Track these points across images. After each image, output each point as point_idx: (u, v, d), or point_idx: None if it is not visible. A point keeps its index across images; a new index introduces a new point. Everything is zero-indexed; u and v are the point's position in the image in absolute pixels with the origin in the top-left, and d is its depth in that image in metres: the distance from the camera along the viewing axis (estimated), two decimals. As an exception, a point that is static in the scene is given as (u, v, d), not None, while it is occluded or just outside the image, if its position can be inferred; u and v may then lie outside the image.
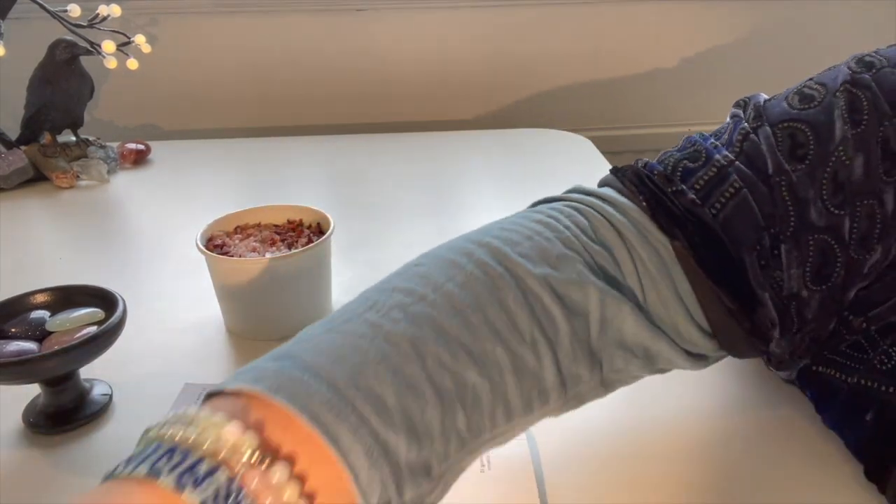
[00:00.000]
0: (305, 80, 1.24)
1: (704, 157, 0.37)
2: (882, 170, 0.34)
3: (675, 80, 1.29)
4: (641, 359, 0.35)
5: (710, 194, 0.36)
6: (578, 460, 0.43)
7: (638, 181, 0.37)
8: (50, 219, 0.84)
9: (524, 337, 0.31)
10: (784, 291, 0.35)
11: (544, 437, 0.44)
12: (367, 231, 0.77)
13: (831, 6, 1.26)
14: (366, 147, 1.09)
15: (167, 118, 1.26)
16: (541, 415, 0.33)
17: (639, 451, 0.43)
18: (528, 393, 0.32)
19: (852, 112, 0.35)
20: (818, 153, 0.35)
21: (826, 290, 0.35)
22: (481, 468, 0.41)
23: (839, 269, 0.35)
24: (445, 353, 0.29)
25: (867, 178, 0.34)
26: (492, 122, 1.29)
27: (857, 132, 0.35)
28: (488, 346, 0.30)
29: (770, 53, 1.28)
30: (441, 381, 0.29)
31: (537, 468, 0.42)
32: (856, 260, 0.35)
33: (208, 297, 0.61)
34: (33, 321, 0.47)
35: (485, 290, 0.32)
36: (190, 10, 1.18)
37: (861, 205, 0.34)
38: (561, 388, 0.33)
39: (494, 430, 0.31)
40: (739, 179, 0.35)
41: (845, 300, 0.36)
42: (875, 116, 0.35)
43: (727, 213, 0.35)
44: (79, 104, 0.97)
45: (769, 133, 0.36)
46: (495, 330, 0.31)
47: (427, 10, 1.21)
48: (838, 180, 0.34)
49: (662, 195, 0.36)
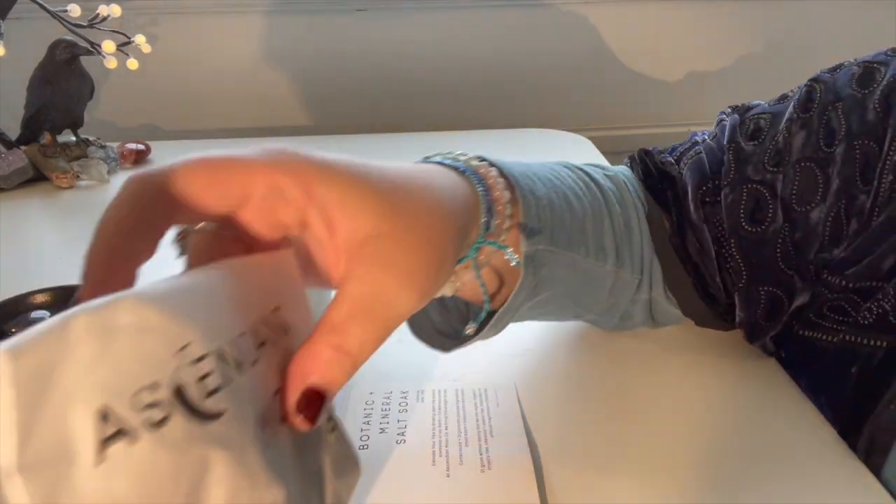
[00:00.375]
0: (305, 80, 1.24)
1: (689, 139, 0.51)
2: (823, 143, 0.43)
3: (675, 80, 1.29)
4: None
5: (680, 159, 0.49)
6: (578, 460, 0.43)
7: (638, 159, 0.51)
8: (50, 219, 0.84)
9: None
10: (724, 229, 0.45)
11: (544, 437, 0.44)
12: (367, 231, 0.77)
13: (831, 6, 1.26)
14: (366, 147, 1.09)
15: (167, 118, 1.26)
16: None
17: (639, 451, 0.43)
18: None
19: (807, 101, 0.45)
20: (770, 133, 0.45)
21: (761, 232, 0.44)
22: (481, 468, 0.41)
23: (771, 215, 0.44)
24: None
25: (805, 148, 0.43)
26: (492, 122, 1.29)
27: (805, 116, 0.44)
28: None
29: (770, 53, 1.28)
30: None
31: (537, 468, 0.42)
32: (799, 212, 0.43)
33: (208, 297, 0.61)
34: (33, 321, 0.47)
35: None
36: (190, 10, 1.18)
37: (799, 167, 0.43)
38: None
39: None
40: (703, 149, 0.48)
41: (807, 255, 0.43)
42: (822, 104, 0.44)
43: (687, 167, 0.48)
44: (79, 104, 0.97)
45: (737, 120, 0.48)
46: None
47: (427, 10, 1.21)
48: (779, 148, 0.44)
49: (651, 164, 0.50)
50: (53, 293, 0.49)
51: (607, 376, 0.50)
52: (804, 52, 1.27)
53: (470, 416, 0.46)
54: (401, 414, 0.46)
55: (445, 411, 0.46)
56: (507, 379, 0.50)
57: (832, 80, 0.44)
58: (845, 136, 0.42)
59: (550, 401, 0.48)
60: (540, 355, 0.53)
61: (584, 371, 0.51)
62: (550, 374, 0.51)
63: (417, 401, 0.48)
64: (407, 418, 0.46)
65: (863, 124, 0.41)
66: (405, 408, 0.47)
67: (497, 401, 0.47)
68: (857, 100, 0.42)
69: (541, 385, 0.49)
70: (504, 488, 0.40)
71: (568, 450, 0.43)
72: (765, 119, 0.46)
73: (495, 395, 0.48)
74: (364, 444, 0.43)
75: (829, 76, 0.45)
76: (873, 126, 0.41)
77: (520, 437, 0.44)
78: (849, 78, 0.44)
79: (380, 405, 0.47)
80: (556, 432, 0.45)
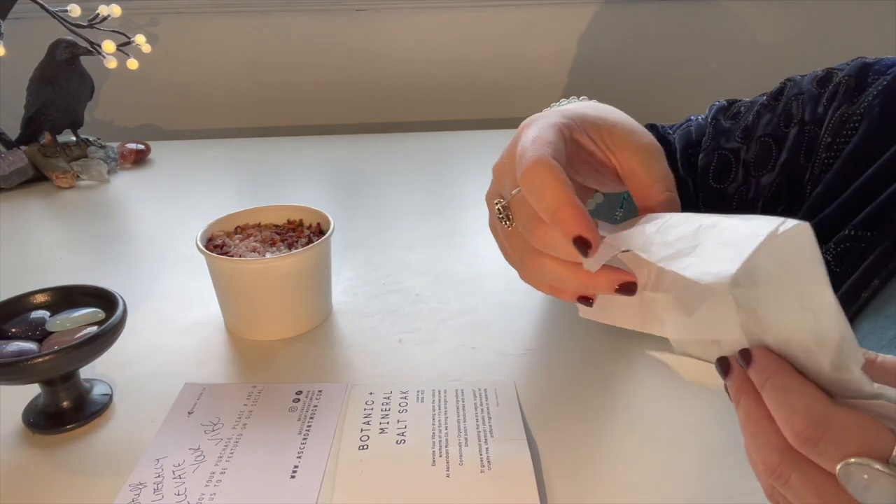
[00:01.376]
0: (305, 80, 1.24)
1: (686, 120, 0.62)
2: (782, 124, 0.52)
3: (676, 80, 1.29)
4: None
5: (675, 131, 0.61)
6: (578, 460, 0.43)
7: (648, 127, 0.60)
8: (50, 219, 0.84)
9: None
10: (698, 183, 0.56)
11: (544, 437, 0.44)
12: (367, 231, 0.77)
13: (831, 6, 1.26)
14: (366, 147, 1.09)
15: (167, 118, 1.26)
16: None
17: (639, 451, 0.43)
18: None
19: (777, 93, 0.54)
20: (744, 115, 0.56)
21: (723, 189, 0.55)
22: (481, 468, 0.41)
23: (733, 177, 0.54)
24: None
25: (767, 126, 0.53)
26: (492, 122, 1.29)
27: (774, 104, 0.54)
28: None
29: (769, 53, 1.28)
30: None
31: (537, 468, 0.42)
32: (755, 177, 0.53)
33: (208, 297, 0.61)
34: (33, 321, 0.47)
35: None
36: (190, 10, 1.18)
37: (760, 141, 0.53)
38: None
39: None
40: (692, 124, 0.60)
41: (754, 211, 0.48)
42: (788, 96, 0.53)
43: (677, 134, 0.60)
44: (79, 104, 0.97)
45: (724, 104, 0.59)
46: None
47: (427, 10, 1.21)
48: (748, 126, 0.55)
49: (655, 132, 0.60)
50: (53, 293, 0.49)
51: (607, 376, 0.50)
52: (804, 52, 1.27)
53: (470, 416, 0.46)
54: (401, 414, 0.46)
55: (445, 411, 0.46)
56: (507, 379, 0.50)
57: (800, 80, 0.53)
58: (799, 122, 0.51)
59: (550, 401, 0.48)
60: (540, 355, 0.53)
61: (584, 371, 0.51)
62: (550, 374, 0.51)
63: (417, 401, 0.48)
64: (407, 418, 0.46)
65: (814, 115, 0.50)
66: (405, 408, 0.47)
67: (497, 401, 0.47)
68: (814, 95, 0.51)
69: (541, 385, 0.49)
70: (504, 488, 0.40)
71: (568, 450, 0.43)
72: (745, 106, 0.57)
73: (495, 395, 0.48)
74: (364, 444, 0.43)
75: (799, 77, 0.54)
76: (821, 117, 0.50)
77: (520, 437, 0.44)
78: (812, 78, 0.52)
79: (380, 405, 0.47)
80: (556, 432, 0.45)
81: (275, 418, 0.46)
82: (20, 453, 0.45)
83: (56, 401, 0.47)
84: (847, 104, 0.48)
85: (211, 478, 0.41)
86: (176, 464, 0.42)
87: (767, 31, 1.27)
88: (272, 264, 0.53)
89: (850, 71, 0.50)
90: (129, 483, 0.41)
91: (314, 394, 0.49)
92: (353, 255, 0.71)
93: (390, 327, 0.58)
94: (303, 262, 0.55)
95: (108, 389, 0.50)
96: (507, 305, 0.60)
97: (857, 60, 0.50)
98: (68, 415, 0.47)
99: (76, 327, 0.46)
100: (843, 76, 0.50)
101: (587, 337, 0.55)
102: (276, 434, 0.45)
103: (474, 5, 1.21)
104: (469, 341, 0.55)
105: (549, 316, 0.59)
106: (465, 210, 0.83)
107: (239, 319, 0.57)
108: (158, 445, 0.44)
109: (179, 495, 0.40)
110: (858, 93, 0.48)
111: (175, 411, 0.47)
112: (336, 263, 0.68)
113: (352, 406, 0.47)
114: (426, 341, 0.56)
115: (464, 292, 0.63)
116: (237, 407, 0.48)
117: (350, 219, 0.80)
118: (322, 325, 0.58)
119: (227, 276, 0.55)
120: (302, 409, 0.47)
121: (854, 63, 0.50)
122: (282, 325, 0.56)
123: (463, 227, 0.78)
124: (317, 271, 0.57)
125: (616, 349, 0.53)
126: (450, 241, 0.74)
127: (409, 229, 0.77)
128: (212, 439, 0.45)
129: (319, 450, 0.44)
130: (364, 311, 0.60)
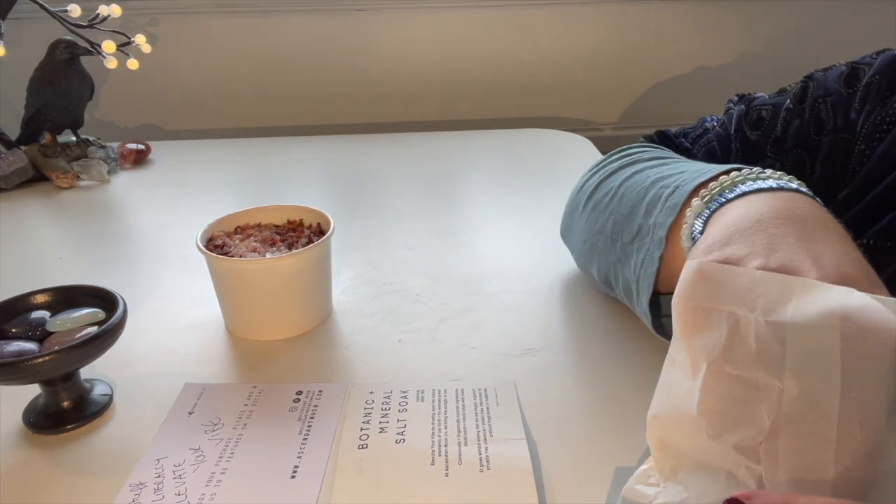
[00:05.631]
0: (305, 80, 1.25)
1: (701, 124, 0.61)
2: (813, 132, 0.50)
3: (675, 80, 1.29)
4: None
5: (695, 143, 0.60)
6: (578, 460, 0.43)
7: (658, 137, 0.62)
8: (50, 219, 0.84)
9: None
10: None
11: (544, 437, 0.44)
12: (367, 231, 0.77)
13: (831, 6, 1.26)
14: (366, 147, 1.09)
15: (167, 118, 1.26)
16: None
17: (639, 452, 0.43)
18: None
19: (802, 95, 0.52)
20: (770, 124, 0.54)
21: None
22: (480, 468, 0.41)
23: None
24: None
25: (798, 134, 0.51)
26: (492, 122, 1.29)
27: (800, 107, 0.51)
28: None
29: (769, 53, 1.28)
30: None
31: (537, 468, 0.42)
32: None
33: (208, 297, 0.61)
34: (33, 321, 0.47)
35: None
36: (190, 10, 1.18)
37: (791, 154, 0.51)
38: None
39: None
40: (714, 137, 0.58)
41: None
42: (814, 97, 0.51)
43: (702, 154, 0.58)
44: (79, 104, 0.97)
45: (743, 110, 0.56)
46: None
47: (427, 10, 1.21)
48: (777, 137, 0.52)
49: (671, 143, 0.61)
50: (53, 293, 0.49)
51: (607, 376, 0.50)
52: (804, 52, 1.27)
53: (469, 416, 0.46)
54: (401, 414, 0.46)
55: (445, 411, 0.46)
56: (507, 379, 0.50)
57: (823, 78, 0.51)
58: (832, 130, 0.49)
59: (550, 401, 0.48)
60: (540, 355, 0.53)
61: (584, 371, 0.51)
62: (550, 374, 0.51)
63: (417, 400, 0.48)
64: (407, 418, 0.46)
65: (846, 120, 0.48)
66: (405, 408, 0.47)
67: (497, 401, 0.47)
68: (843, 97, 0.49)
69: (541, 385, 0.50)
70: (503, 488, 0.40)
71: (568, 450, 0.43)
72: (766, 110, 0.54)
73: (495, 395, 0.48)
74: (364, 444, 0.44)
75: (822, 74, 0.52)
76: (853, 122, 0.48)
77: (520, 437, 0.44)
78: (837, 76, 0.50)
79: (380, 405, 0.47)
80: (556, 432, 0.45)
81: (275, 418, 0.46)
82: (20, 453, 0.45)
83: (56, 401, 0.47)
84: (880, 106, 0.46)
85: (211, 478, 0.41)
86: (176, 464, 0.42)
87: (767, 31, 1.27)
88: (272, 264, 0.53)
89: (879, 68, 0.47)
90: (129, 483, 0.41)
91: (314, 394, 0.49)
92: (353, 255, 0.71)
93: (390, 327, 0.58)
94: (303, 263, 0.55)
95: (109, 389, 0.50)
96: (507, 305, 0.60)
97: (886, 53, 0.47)
98: (68, 415, 0.47)
99: (76, 327, 0.46)
100: (872, 75, 0.47)
101: (587, 337, 0.55)
102: (277, 434, 0.45)
103: (474, 5, 1.21)
104: (469, 341, 0.55)
105: (549, 316, 0.59)
106: (465, 210, 0.83)
107: (239, 319, 0.57)
108: (158, 445, 0.44)
109: (180, 495, 0.40)
110: (891, 92, 0.46)
111: (175, 411, 0.47)
112: (336, 263, 0.68)
113: (352, 406, 0.47)
114: (426, 341, 0.56)
115: (464, 292, 0.63)
116: (237, 407, 0.48)
117: (350, 219, 0.80)
118: (322, 325, 0.58)
119: (227, 276, 0.55)
120: (302, 409, 0.47)
121: (882, 57, 0.47)
122: (282, 325, 0.56)
123: (463, 227, 0.78)
124: (317, 271, 0.57)
125: (616, 349, 0.53)
126: (450, 241, 0.74)
127: (409, 229, 0.77)
128: (212, 439, 0.45)
129: (320, 450, 0.44)
130: (364, 311, 0.60)
